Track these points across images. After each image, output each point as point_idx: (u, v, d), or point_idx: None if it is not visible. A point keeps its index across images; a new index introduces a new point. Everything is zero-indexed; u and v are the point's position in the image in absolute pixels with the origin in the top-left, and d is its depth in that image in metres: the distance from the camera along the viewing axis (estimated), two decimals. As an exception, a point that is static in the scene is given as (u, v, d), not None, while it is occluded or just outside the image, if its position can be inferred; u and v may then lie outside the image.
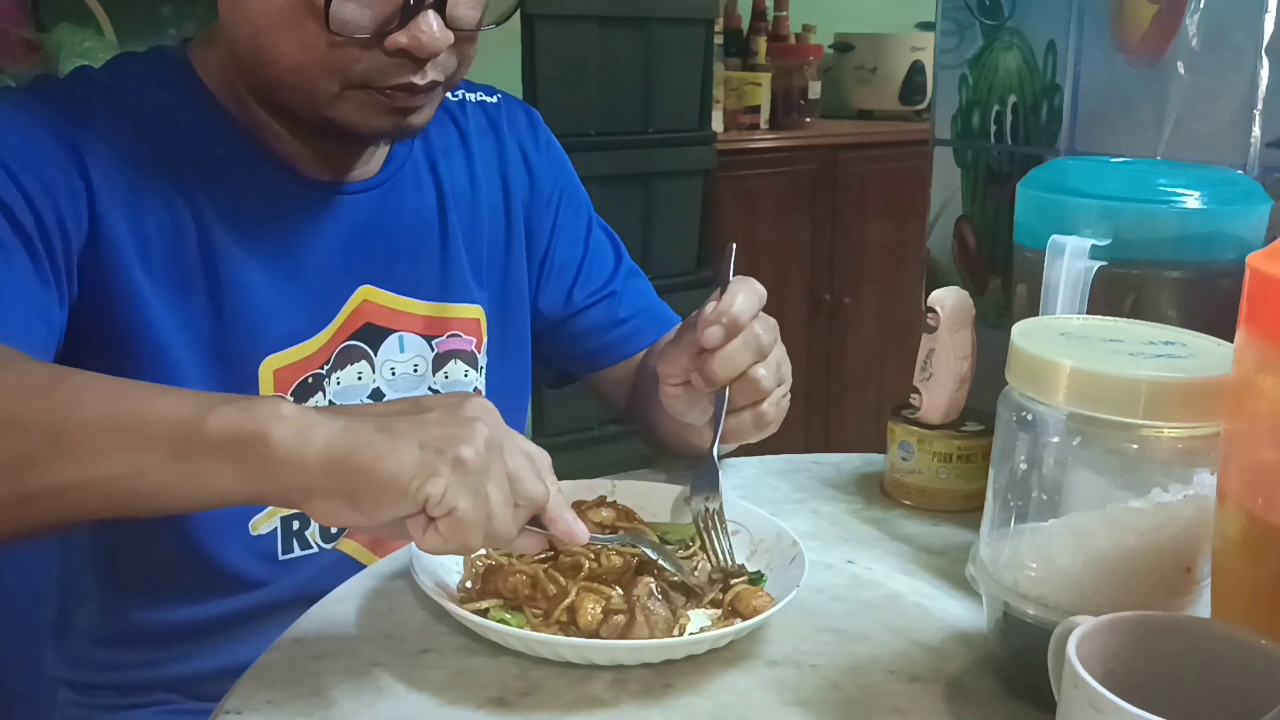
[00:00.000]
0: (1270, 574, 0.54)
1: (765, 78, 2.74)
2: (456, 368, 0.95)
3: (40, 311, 0.75)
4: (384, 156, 0.92)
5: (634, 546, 0.74)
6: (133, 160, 0.80)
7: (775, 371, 0.81)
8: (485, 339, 0.97)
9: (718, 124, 2.51)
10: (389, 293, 0.91)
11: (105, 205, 0.78)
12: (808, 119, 2.84)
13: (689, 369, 0.80)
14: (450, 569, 0.74)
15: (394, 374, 0.92)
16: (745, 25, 2.92)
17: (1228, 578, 0.58)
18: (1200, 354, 0.60)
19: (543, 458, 0.65)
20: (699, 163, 2.33)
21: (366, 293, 0.90)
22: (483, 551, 0.77)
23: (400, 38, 0.75)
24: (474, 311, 0.96)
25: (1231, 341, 0.57)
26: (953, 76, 1.09)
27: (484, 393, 0.98)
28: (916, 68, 2.98)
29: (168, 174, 0.82)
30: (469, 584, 0.73)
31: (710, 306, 0.79)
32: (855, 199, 2.78)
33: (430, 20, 0.75)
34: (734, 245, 0.86)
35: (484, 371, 0.98)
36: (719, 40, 2.56)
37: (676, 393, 0.82)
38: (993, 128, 1.06)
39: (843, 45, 3.09)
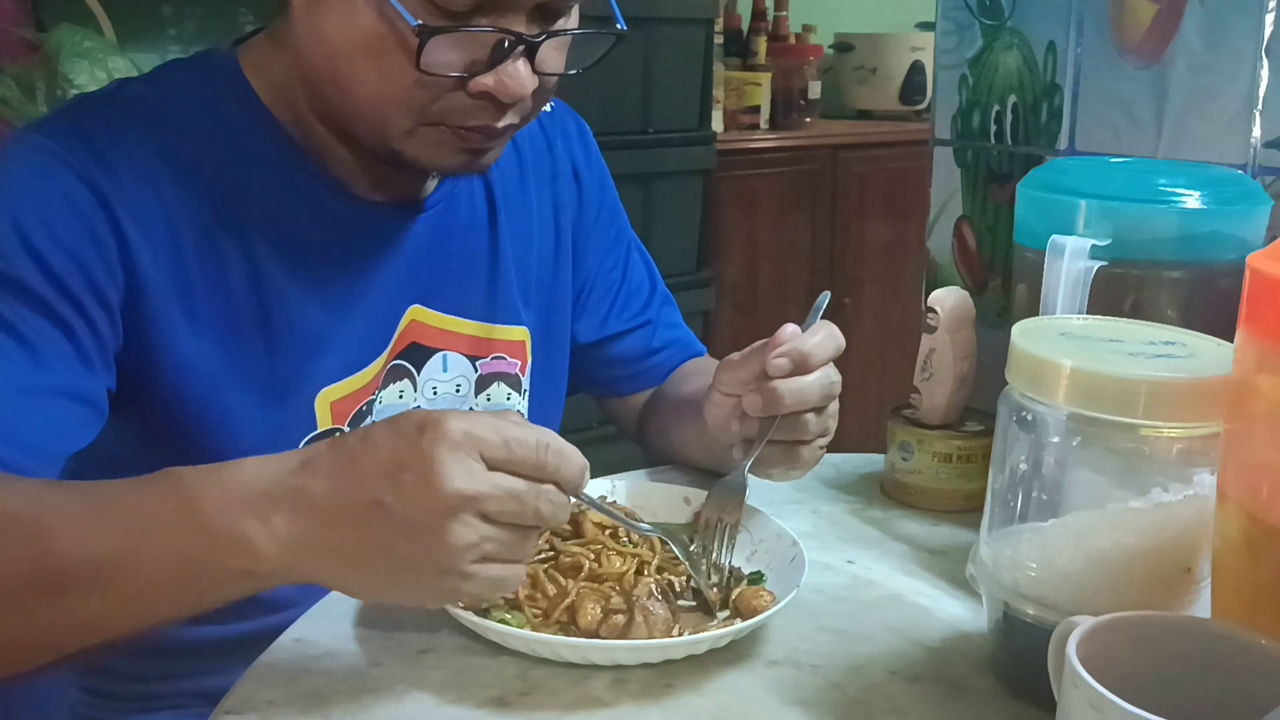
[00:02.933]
0: (1270, 574, 0.54)
1: (765, 78, 2.74)
2: (499, 390, 0.93)
3: (70, 394, 0.72)
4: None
5: (659, 538, 0.75)
6: (172, 198, 0.77)
7: (823, 422, 0.80)
8: (530, 361, 0.95)
9: (718, 124, 2.51)
10: (437, 312, 0.89)
11: (143, 259, 0.75)
12: (808, 119, 2.84)
13: (746, 385, 0.78)
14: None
15: (436, 394, 0.89)
16: (745, 25, 2.92)
17: (1228, 578, 0.58)
18: (1200, 354, 0.60)
19: (516, 438, 0.59)
20: (699, 163, 2.33)
21: (415, 312, 0.88)
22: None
23: (486, 80, 0.73)
24: (520, 334, 0.94)
25: (1231, 341, 0.57)
26: (953, 76, 1.09)
27: (526, 417, 0.95)
28: (916, 68, 2.98)
29: (213, 206, 0.78)
30: (469, 584, 0.73)
31: (790, 330, 0.78)
32: (855, 199, 2.78)
33: (519, 65, 0.73)
34: (828, 294, 0.85)
35: (527, 395, 0.95)
36: (719, 40, 2.56)
37: (723, 403, 0.80)
38: (993, 128, 1.06)
39: (843, 45, 3.09)
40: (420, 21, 0.69)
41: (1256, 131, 0.84)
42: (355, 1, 0.71)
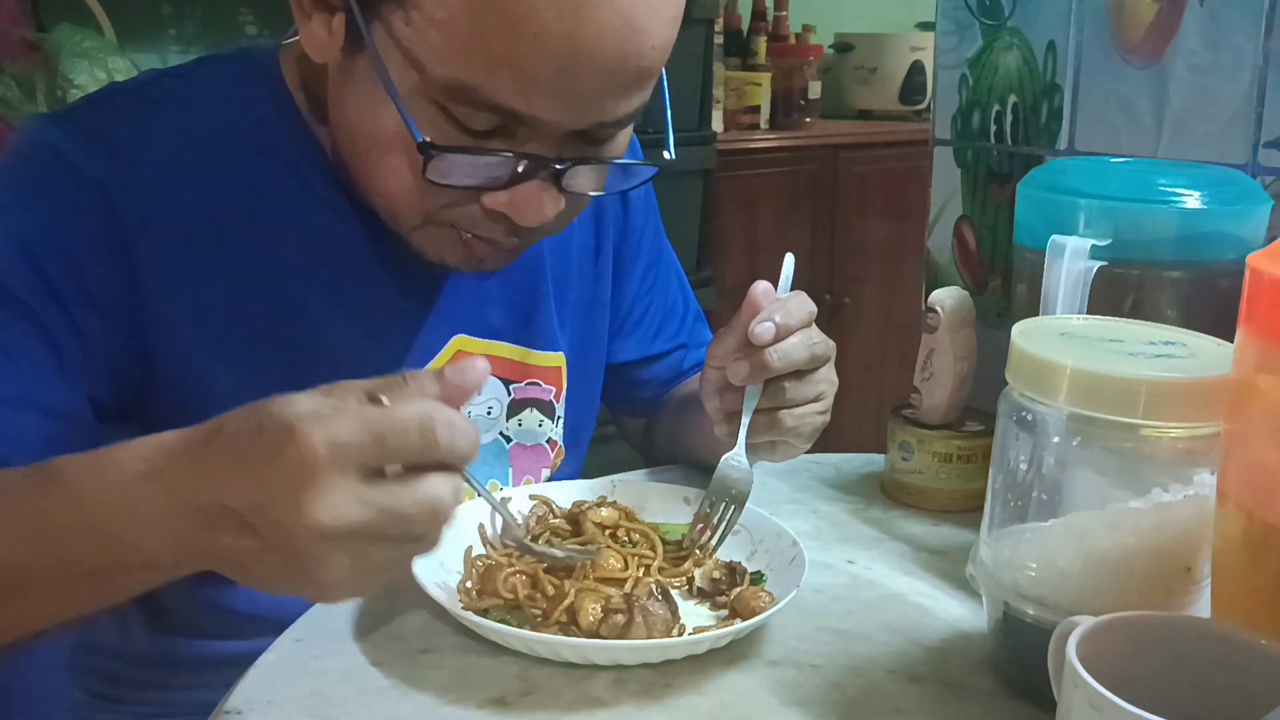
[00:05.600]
0: (1270, 574, 0.54)
1: (765, 78, 2.74)
2: (531, 416, 0.90)
3: (38, 407, 0.69)
4: None
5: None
6: (191, 204, 0.74)
7: (812, 387, 0.79)
8: (565, 387, 0.93)
9: (718, 124, 2.51)
10: (477, 339, 0.87)
11: (148, 269, 0.72)
12: (808, 119, 2.84)
13: (733, 355, 0.77)
14: (450, 569, 0.74)
15: (469, 415, 0.85)
16: (745, 25, 2.92)
17: (1228, 578, 0.58)
18: (1200, 354, 0.60)
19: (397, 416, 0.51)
20: (699, 163, 2.33)
21: (460, 342, 0.85)
22: (482, 551, 0.77)
23: (501, 198, 0.69)
24: (556, 359, 0.92)
25: (1231, 341, 0.57)
26: (953, 76, 1.09)
27: (560, 443, 0.93)
28: (916, 68, 2.98)
29: (238, 213, 0.75)
30: (469, 584, 0.73)
31: (763, 287, 0.77)
32: (855, 199, 2.78)
33: (540, 190, 0.69)
34: (792, 256, 0.83)
35: (560, 422, 0.93)
36: (719, 40, 2.56)
37: (716, 378, 0.79)
38: (993, 128, 1.06)
39: (843, 45, 3.09)
40: (427, 138, 0.66)
41: (1257, 131, 0.84)
42: (377, 96, 0.67)
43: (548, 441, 0.92)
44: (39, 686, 0.98)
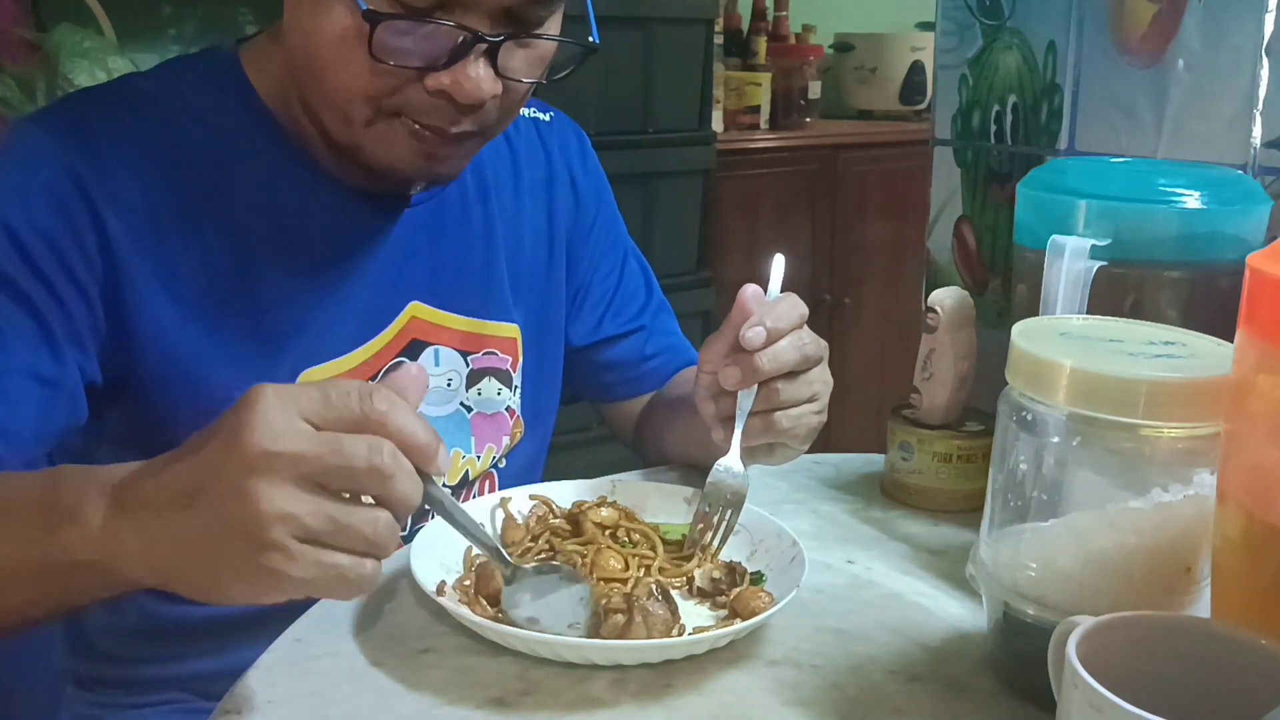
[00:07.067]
0: (1270, 574, 0.54)
1: (765, 78, 2.74)
2: (490, 385, 0.94)
3: (32, 376, 0.73)
4: None
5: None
6: (158, 185, 0.78)
7: (805, 387, 0.80)
8: (521, 359, 0.96)
9: (718, 124, 2.51)
10: (433, 308, 0.90)
11: (122, 246, 0.77)
12: (808, 119, 2.84)
13: (726, 359, 0.78)
14: (450, 568, 0.74)
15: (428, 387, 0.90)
16: (745, 25, 2.92)
17: (1228, 578, 0.58)
18: (1200, 354, 0.60)
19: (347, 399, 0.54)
20: (699, 163, 2.33)
21: (415, 309, 0.89)
22: (479, 552, 0.77)
23: (443, 78, 0.73)
24: (511, 330, 0.95)
25: (1231, 341, 0.57)
26: (953, 76, 1.09)
27: (518, 412, 0.97)
28: (916, 68, 2.98)
29: (200, 192, 0.80)
30: (469, 584, 0.73)
31: (752, 292, 0.78)
32: (855, 199, 2.78)
33: (479, 67, 0.72)
34: (782, 257, 0.85)
35: (518, 392, 0.97)
36: (719, 40, 2.56)
37: (710, 384, 0.80)
38: (993, 128, 1.06)
39: (843, 45, 3.09)
40: (370, 8, 0.70)
41: (1256, 131, 0.84)
42: None
43: (506, 409, 0.96)
44: (37, 686, 0.99)
